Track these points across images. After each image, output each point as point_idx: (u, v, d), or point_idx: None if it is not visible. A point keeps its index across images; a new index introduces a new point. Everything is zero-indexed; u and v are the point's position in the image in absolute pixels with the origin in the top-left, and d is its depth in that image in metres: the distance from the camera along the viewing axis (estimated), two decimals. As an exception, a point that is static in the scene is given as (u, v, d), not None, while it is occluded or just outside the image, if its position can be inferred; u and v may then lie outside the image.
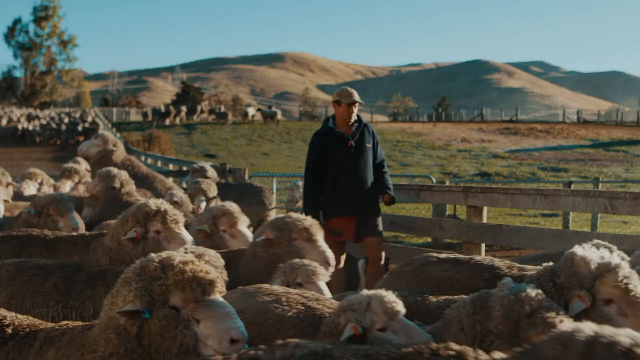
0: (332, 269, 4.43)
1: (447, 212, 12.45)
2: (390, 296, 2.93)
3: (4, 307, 3.40)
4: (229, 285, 3.54)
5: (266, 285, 3.53)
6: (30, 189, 7.57)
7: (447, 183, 12.07)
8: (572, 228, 12.58)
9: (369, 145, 6.46)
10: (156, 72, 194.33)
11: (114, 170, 6.84)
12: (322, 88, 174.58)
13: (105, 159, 8.52)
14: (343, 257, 6.34)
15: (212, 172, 10.00)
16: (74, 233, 4.90)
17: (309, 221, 4.59)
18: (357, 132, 6.44)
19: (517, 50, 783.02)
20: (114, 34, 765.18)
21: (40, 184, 7.96)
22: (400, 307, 2.92)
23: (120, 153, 8.74)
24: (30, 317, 3.16)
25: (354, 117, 6.43)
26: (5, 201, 6.36)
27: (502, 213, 16.25)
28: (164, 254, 2.75)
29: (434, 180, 13.49)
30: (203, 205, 7.24)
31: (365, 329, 2.87)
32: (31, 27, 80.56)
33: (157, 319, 2.59)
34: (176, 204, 6.78)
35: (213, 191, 7.45)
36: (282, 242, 4.47)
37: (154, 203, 4.21)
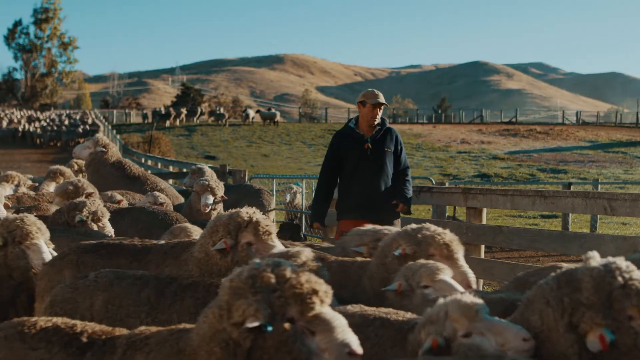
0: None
1: (447, 214, 12.47)
2: (466, 298, 2.77)
3: (100, 311, 3.41)
4: (350, 300, 3.43)
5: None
6: (6, 191, 7.51)
7: (447, 184, 12.06)
8: (571, 229, 12.61)
9: (389, 150, 6.33)
10: (156, 74, 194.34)
11: (70, 186, 6.54)
12: (322, 90, 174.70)
13: (96, 160, 8.48)
14: None
15: (211, 174, 9.98)
16: (162, 242, 4.58)
17: (449, 236, 4.17)
18: (377, 135, 6.37)
19: (517, 52, 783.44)
20: (114, 36, 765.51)
21: (17, 185, 7.90)
22: (479, 307, 2.73)
23: (111, 154, 8.59)
24: (101, 325, 3.03)
25: (377, 119, 6.37)
26: None
27: (502, 214, 16.29)
28: (269, 262, 2.61)
29: (434, 182, 13.49)
30: (210, 201, 7.04)
31: (448, 339, 2.70)
32: (32, 29, 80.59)
33: (275, 333, 2.45)
34: (160, 206, 6.80)
35: (220, 190, 7.34)
36: (419, 257, 3.99)
37: (245, 213, 3.94)
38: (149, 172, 20.73)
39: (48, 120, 50.41)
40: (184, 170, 15.37)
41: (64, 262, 4.18)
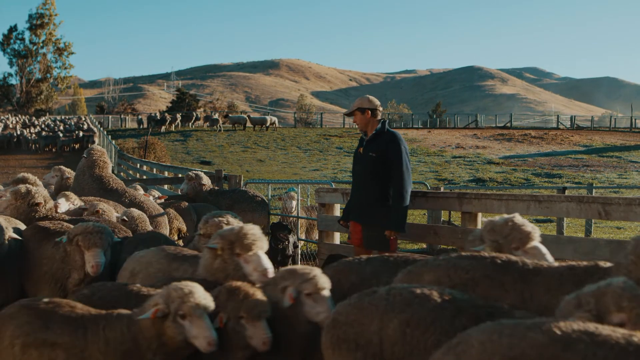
0: None
1: (442, 219, 12.50)
2: None
3: (396, 333, 2.98)
4: None
5: None
6: None
7: (442, 189, 12.09)
8: (566, 234, 12.64)
9: (373, 154, 6.35)
10: (152, 79, 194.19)
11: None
12: (317, 95, 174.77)
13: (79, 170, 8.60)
14: None
15: (206, 180, 9.99)
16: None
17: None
18: (372, 139, 6.46)
19: (511, 57, 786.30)
20: (110, 41, 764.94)
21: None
22: None
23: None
24: None
25: (364, 125, 6.50)
26: None
27: (497, 219, 16.32)
28: None
29: (429, 187, 13.52)
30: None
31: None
32: (27, 35, 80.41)
33: None
34: (124, 222, 6.65)
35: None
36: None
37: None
38: (145, 177, 20.70)
39: (43, 126, 50.27)
40: (180, 175, 15.36)
41: None
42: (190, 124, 51.31)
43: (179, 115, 51.33)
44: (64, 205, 6.57)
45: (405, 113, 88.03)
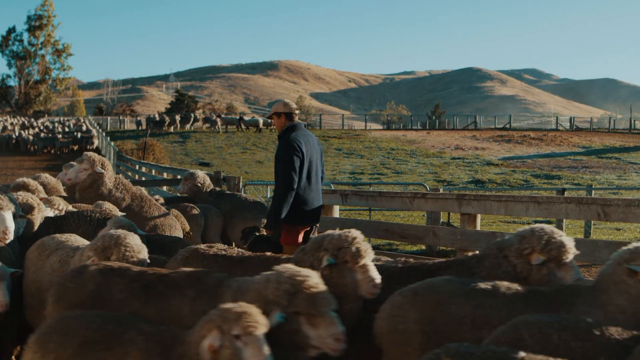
0: None
1: (441, 220, 12.48)
2: None
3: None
4: None
5: None
6: None
7: (441, 191, 12.09)
8: (565, 235, 12.62)
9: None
10: (150, 80, 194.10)
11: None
12: (316, 96, 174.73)
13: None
14: None
15: (203, 178, 9.87)
16: None
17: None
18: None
19: (510, 58, 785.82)
20: (108, 43, 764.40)
21: None
22: None
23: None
24: None
25: (280, 129, 6.71)
26: None
27: (496, 220, 16.31)
28: None
29: (428, 188, 13.51)
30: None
31: None
32: (25, 36, 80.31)
33: None
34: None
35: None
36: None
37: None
38: (143, 178, 20.64)
39: (42, 127, 50.24)
40: (178, 177, 15.31)
41: None
42: (189, 125, 51.31)
43: (177, 117, 51.31)
44: (48, 213, 6.52)
45: (404, 114, 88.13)
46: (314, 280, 3.46)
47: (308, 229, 6.69)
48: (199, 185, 9.71)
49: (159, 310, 3.74)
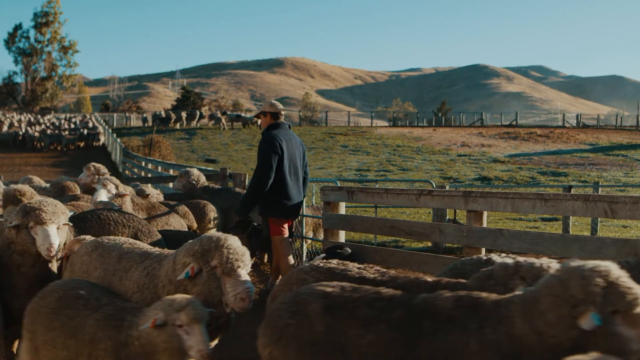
0: None
1: (447, 217, 12.46)
2: None
3: None
4: None
5: None
6: None
7: (447, 187, 12.05)
8: (572, 232, 12.60)
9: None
10: (156, 77, 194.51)
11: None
12: (322, 93, 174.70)
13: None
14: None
15: (197, 176, 10.05)
16: None
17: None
18: None
19: (516, 55, 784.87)
20: (115, 40, 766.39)
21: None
22: None
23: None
24: None
25: (265, 127, 7.42)
26: None
27: (503, 217, 16.28)
28: None
29: (434, 185, 13.46)
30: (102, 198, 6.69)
31: None
32: (32, 33, 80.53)
33: None
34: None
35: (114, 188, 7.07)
36: None
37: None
38: (150, 175, 20.68)
39: (48, 124, 50.42)
40: (185, 173, 15.35)
41: None
42: (195, 122, 51.36)
43: (183, 114, 51.38)
44: (102, 195, 6.55)
45: (410, 111, 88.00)
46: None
47: (290, 223, 7.16)
48: (194, 182, 9.95)
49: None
